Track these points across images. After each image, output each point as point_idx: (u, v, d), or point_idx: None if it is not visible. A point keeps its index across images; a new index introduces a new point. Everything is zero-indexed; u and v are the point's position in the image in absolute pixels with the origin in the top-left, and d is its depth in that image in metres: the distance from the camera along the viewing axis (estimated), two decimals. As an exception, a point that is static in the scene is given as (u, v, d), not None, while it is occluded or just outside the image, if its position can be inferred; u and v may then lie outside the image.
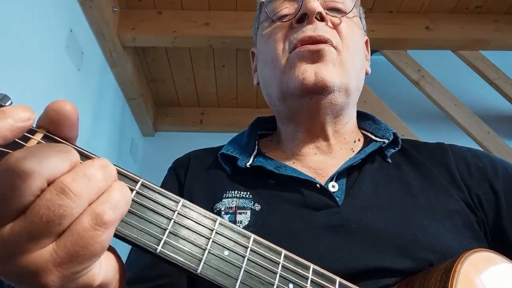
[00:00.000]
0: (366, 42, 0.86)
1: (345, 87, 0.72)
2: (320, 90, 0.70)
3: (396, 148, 0.75)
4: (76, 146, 0.38)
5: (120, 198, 0.34)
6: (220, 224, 0.41)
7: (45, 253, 0.31)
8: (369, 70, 0.84)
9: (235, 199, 0.69)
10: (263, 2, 0.81)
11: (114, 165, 0.37)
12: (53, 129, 0.37)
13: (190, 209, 0.41)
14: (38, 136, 0.36)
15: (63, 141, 0.37)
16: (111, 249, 0.38)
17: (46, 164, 0.31)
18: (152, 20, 2.54)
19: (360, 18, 0.83)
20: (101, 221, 0.32)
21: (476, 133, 2.46)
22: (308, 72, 0.70)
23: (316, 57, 0.71)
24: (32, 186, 0.31)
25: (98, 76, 2.50)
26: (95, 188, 0.33)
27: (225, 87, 3.25)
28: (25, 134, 0.36)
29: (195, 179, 0.75)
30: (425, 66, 2.61)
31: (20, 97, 1.67)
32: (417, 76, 2.58)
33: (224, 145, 0.80)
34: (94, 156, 0.37)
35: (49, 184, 0.31)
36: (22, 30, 1.70)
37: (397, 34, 2.59)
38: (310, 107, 0.72)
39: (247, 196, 0.69)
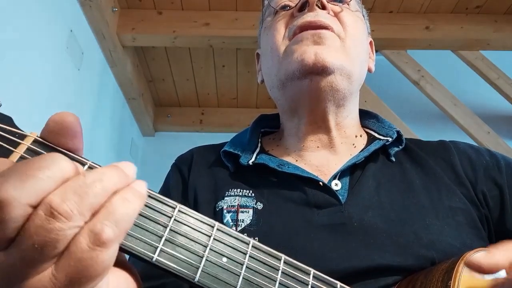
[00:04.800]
0: (370, 43, 0.86)
1: (347, 71, 0.71)
2: (319, 70, 0.68)
3: (400, 147, 0.75)
4: (78, 156, 0.36)
5: (122, 212, 0.31)
6: (218, 229, 0.40)
7: (44, 277, 0.29)
8: (373, 68, 0.84)
9: (237, 197, 0.68)
10: None
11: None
12: (56, 141, 0.35)
13: (187, 214, 0.40)
14: (28, 141, 0.35)
15: (54, 146, 0.36)
16: (122, 263, 0.35)
17: (21, 189, 0.28)
18: (152, 20, 2.53)
19: (364, 17, 0.84)
20: (100, 240, 0.29)
21: (476, 133, 2.46)
22: (307, 53, 0.69)
23: (317, 40, 0.70)
24: (13, 215, 0.28)
25: (98, 76, 2.50)
26: (88, 205, 0.30)
27: (225, 87, 3.25)
28: (15, 139, 0.35)
29: (199, 176, 0.75)
30: (425, 66, 2.60)
31: (20, 97, 1.67)
32: (417, 76, 2.57)
33: (227, 141, 0.80)
34: (97, 166, 0.36)
35: (37, 205, 0.29)
36: (22, 30, 1.70)
37: (397, 34, 2.59)
38: (310, 90, 0.71)
39: (249, 194, 0.69)
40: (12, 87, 1.63)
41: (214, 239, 0.40)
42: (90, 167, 0.37)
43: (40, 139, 0.36)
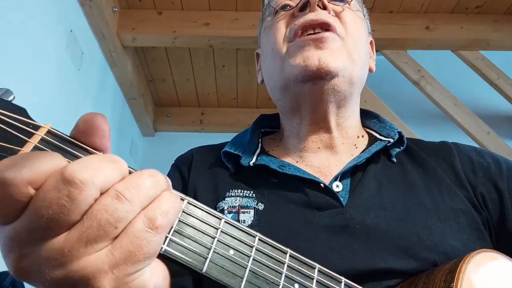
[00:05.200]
0: (371, 43, 0.86)
1: (349, 74, 0.71)
2: (323, 75, 0.69)
3: (401, 148, 0.75)
4: (86, 146, 0.37)
5: (170, 205, 0.36)
6: (226, 222, 0.41)
7: (101, 255, 0.32)
8: (374, 68, 0.84)
9: (238, 198, 0.68)
10: None
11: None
12: (86, 140, 0.37)
13: (195, 207, 0.40)
14: (42, 132, 0.36)
15: (68, 137, 0.37)
16: (158, 259, 0.38)
17: (98, 175, 0.33)
18: (152, 20, 2.54)
19: (364, 17, 0.84)
20: (153, 224, 0.34)
21: (476, 133, 2.46)
22: (311, 58, 0.69)
23: (319, 44, 0.70)
24: (88, 196, 0.32)
25: (98, 76, 2.50)
26: (146, 195, 0.35)
27: (225, 87, 3.25)
28: (29, 130, 0.35)
29: (199, 176, 0.75)
30: (425, 66, 2.61)
31: (20, 97, 1.67)
32: (417, 76, 2.58)
33: (227, 142, 0.80)
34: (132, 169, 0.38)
35: (102, 193, 0.33)
36: (22, 30, 1.70)
37: (397, 34, 2.59)
38: (313, 92, 0.71)
39: (250, 195, 0.68)
40: (11, 87, 1.62)
41: (221, 231, 0.40)
42: None
43: (54, 130, 0.36)
